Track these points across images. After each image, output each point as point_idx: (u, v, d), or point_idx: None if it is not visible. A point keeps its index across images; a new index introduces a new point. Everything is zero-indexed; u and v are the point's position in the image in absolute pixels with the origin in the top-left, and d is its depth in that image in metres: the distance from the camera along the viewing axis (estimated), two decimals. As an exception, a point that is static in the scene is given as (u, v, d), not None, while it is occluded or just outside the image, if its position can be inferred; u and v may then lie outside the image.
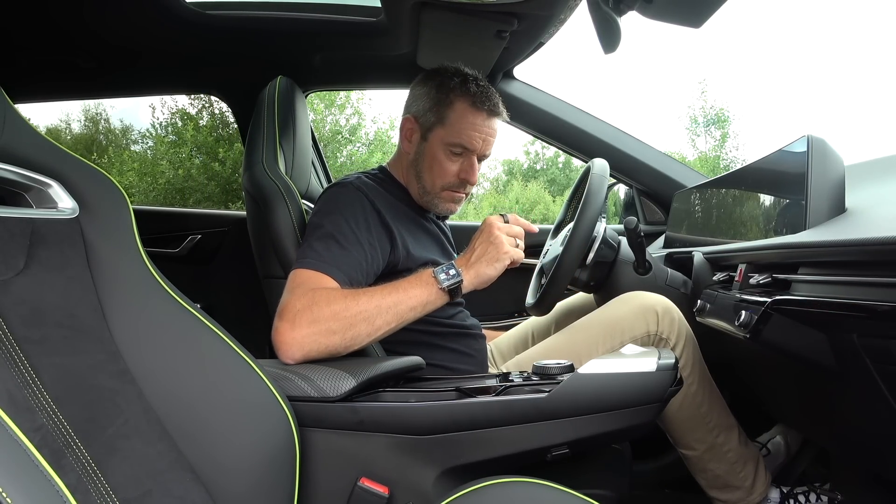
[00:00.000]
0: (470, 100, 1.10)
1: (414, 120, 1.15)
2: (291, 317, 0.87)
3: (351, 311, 0.88)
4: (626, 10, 0.90)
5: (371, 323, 0.89)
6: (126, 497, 0.54)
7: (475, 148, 1.12)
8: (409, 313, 0.93)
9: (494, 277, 0.98)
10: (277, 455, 0.69)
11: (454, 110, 1.11)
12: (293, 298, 0.89)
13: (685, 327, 1.08)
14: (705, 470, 1.11)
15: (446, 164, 1.12)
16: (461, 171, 1.13)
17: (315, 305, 0.87)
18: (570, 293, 1.43)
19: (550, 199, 22.75)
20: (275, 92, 1.24)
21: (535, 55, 1.47)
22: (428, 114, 1.13)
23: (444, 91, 1.11)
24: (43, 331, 0.56)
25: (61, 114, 23.03)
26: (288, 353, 0.86)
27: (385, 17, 1.27)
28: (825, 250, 0.67)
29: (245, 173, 1.18)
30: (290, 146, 1.26)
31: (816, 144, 0.82)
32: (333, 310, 0.87)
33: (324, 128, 16.45)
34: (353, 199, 1.05)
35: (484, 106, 1.11)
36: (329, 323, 0.86)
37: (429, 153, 1.13)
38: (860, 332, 0.63)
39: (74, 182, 0.65)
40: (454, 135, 1.10)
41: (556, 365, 0.86)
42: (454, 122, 1.11)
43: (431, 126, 1.12)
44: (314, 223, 1.03)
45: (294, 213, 1.09)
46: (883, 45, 37.37)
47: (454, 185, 1.14)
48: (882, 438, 0.73)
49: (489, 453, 0.81)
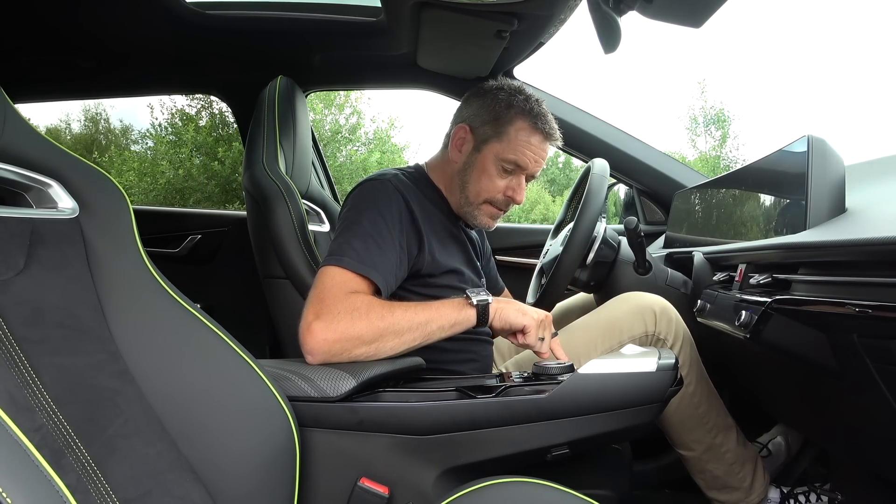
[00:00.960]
0: (531, 120, 1.09)
1: (469, 130, 1.13)
2: (330, 318, 0.86)
3: (385, 323, 0.88)
4: (626, 10, 0.90)
5: (399, 337, 0.89)
6: (126, 497, 0.54)
7: (527, 167, 1.10)
8: (437, 332, 0.93)
9: (510, 323, 0.97)
10: (277, 455, 0.69)
11: (514, 127, 1.09)
12: (334, 299, 0.89)
13: (682, 328, 1.08)
14: (704, 471, 1.11)
15: (496, 178, 1.11)
16: (508, 189, 1.12)
17: (356, 312, 0.87)
18: (570, 293, 1.43)
19: (550, 199, 22.76)
20: (275, 92, 1.24)
21: (535, 55, 1.47)
22: (486, 126, 1.11)
23: (506, 107, 1.10)
24: (43, 331, 0.56)
25: (61, 114, 23.05)
26: (315, 352, 0.86)
27: (385, 17, 1.27)
28: (825, 250, 0.67)
29: (245, 173, 1.18)
30: (290, 146, 1.26)
31: (816, 144, 0.82)
32: (370, 320, 0.87)
33: (323, 127, 16.43)
34: (390, 197, 1.03)
35: (544, 128, 1.10)
36: (363, 334, 0.86)
37: (479, 165, 1.11)
38: (860, 332, 0.63)
39: (74, 182, 0.65)
40: (510, 151, 1.09)
41: (557, 365, 0.86)
42: (512, 138, 1.09)
43: (487, 139, 1.11)
44: (351, 218, 1.00)
45: (294, 213, 1.08)
46: (883, 45, 37.38)
47: (499, 201, 1.13)
48: (882, 438, 0.73)
49: (489, 453, 0.81)
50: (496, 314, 0.97)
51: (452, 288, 1.08)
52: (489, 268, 1.37)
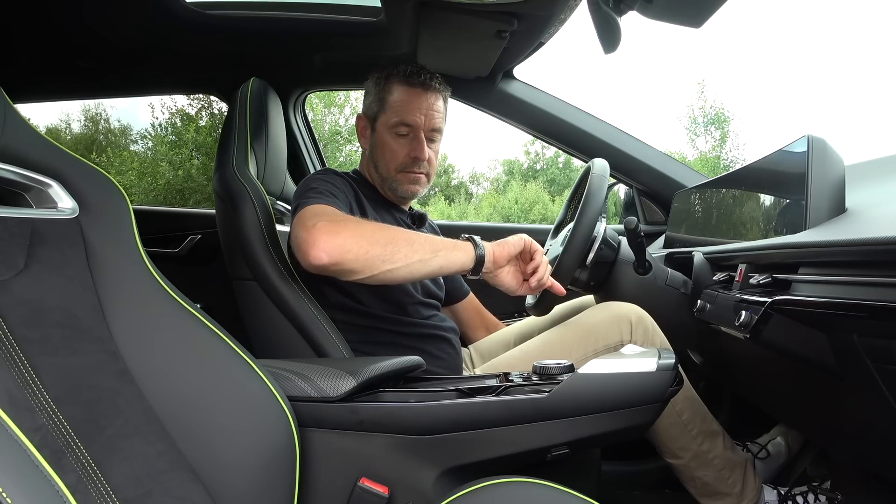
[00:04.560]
0: (405, 80, 1.15)
1: (364, 117, 1.22)
2: (335, 220, 0.86)
3: (394, 232, 0.90)
4: (626, 10, 0.90)
5: (411, 246, 0.89)
6: (126, 497, 0.54)
7: (416, 123, 1.15)
8: (440, 259, 0.93)
9: (505, 256, 1.00)
10: (277, 455, 0.69)
11: (391, 93, 1.16)
12: (332, 214, 0.90)
13: (660, 337, 1.08)
14: (693, 478, 1.11)
15: (394, 145, 1.16)
16: (411, 151, 1.16)
17: (357, 222, 0.89)
18: (570, 293, 1.43)
19: (549, 199, 22.76)
20: (247, 94, 1.24)
21: (535, 55, 1.47)
22: (373, 106, 1.18)
23: (385, 81, 1.17)
24: (43, 331, 0.56)
25: (61, 114, 23.05)
26: (326, 245, 0.84)
27: (385, 17, 1.27)
28: (825, 250, 0.67)
29: (215, 175, 1.18)
30: (262, 148, 1.25)
31: (816, 144, 0.82)
32: (378, 226, 0.89)
33: (323, 128, 16.44)
34: (335, 178, 1.10)
35: (416, 80, 1.15)
36: (375, 233, 0.87)
37: (379, 141, 1.18)
38: (860, 332, 0.63)
39: (74, 182, 0.65)
40: (394, 114, 1.15)
41: (556, 365, 0.86)
42: (393, 103, 1.16)
43: (376, 115, 1.18)
44: (302, 192, 1.04)
45: (262, 215, 1.08)
46: (883, 45, 37.37)
47: (407, 164, 1.17)
48: (882, 438, 0.73)
49: (489, 453, 0.81)
50: (493, 259, 0.99)
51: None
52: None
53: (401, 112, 1.15)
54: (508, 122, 1.67)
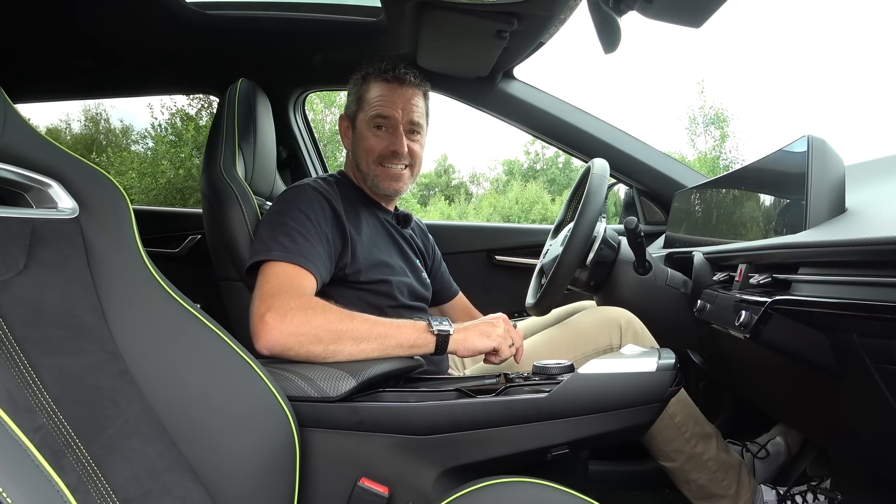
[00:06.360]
0: (380, 76, 1.17)
1: (345, 117, 1.23)
2: (283, 312, 0.86)
3: (344, 326, 0.88)
4: (626, 10, 0.90)
5: (357, 344, 0.88)
6: (126, 497, 0.54)
7: (394, 115, 1.15)
8: (395, 349, 0.91)
9: (478, 349, 0.96)
10: (278, 455, 0.69)
11: (369, 91, 1.17)
12: (286, 295, 0.88)
13: (649, 340, 1.09)
14: (688, 481, 1.12)
15: (372, 140, 1.16)
16: (389, 144, 1.16)
17: (311, 310, 0.87)
18: (570, 293, 1.43)
19: (549, 199, 22.76)
20: (235, 95, 1.23)
21: (535, 55, 1.47)
22: (353, 105, 1.20)
23: (363, 81, 1.19)
24: (43, 331, 0.56)
25: (61, 114, 23.05)
26: (268, 342, 0.85)
27: (385, 17, 1.27)
28: (825, 250, 0.67)
29: (202, 176, 1.18)
30: (250, 149, 1.25)
31: (816, 144, 0.82)
32: (327, 319, 0.87)
33: (323, 128, 16.44)
34: (310, 197, 1.07)
35: (391, 75, 1.16)
36: (319, 331, 0.86)
37: (359, 138, 1.19)
38: (860, 332, 0.63)
39: (74, 182, 0.65)
40: (371, 109, 1.16)
41: (556, 365, 0.86)
42: (370, 100, 1.17)
43: (355, 114, 1.19)
44: (272, 219, 1.02)
45: (248, 216, 1.08)
46: (883, 45, 37.37)
47: (385, 157, 1.17)
48: (882, 438, 0.73)
49: (489, 453, 0.81)
50: (460, 345, 0.95)
51: (383, 282, 1.09)
52: (440, 271, 1.39)
53: (377, 106, 1.16)
54: (508, 122, 1.67)
